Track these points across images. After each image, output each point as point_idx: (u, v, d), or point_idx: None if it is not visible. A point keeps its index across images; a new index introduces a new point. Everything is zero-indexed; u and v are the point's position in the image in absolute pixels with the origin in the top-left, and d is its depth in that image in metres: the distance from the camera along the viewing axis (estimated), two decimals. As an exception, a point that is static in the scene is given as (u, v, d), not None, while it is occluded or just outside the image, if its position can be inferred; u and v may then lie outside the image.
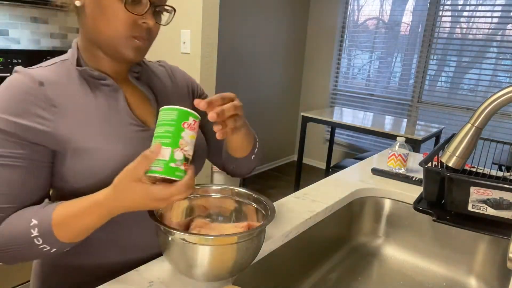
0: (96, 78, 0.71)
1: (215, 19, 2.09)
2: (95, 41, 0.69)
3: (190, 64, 2.11)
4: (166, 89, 0.83)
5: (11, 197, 0.63)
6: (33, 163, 0.64)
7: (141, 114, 0.75)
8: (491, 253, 1.06)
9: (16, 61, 1.96)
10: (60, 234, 0.62)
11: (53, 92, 0.66)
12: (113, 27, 0.66)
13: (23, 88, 0.64)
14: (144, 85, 0.78)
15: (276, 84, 4.02)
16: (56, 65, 0.71)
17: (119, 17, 0.65)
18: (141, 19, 0.67)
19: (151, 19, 0.67)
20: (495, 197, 0.90)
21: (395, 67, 3.84)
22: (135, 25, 0.67)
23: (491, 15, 3.21)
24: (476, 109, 0.66)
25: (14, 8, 1.94)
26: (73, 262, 0.76)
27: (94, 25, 0.67)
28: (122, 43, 0.67)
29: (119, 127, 0.70)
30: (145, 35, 0.69)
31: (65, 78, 0.69)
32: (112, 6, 0.65)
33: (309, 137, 4.15)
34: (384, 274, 1.12)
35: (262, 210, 0.73)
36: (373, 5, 3.84)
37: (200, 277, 0.64)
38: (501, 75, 3.23)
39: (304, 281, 1.02)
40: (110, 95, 0.72)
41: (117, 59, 0.71)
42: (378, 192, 1.22)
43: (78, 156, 0.66)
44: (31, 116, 0.63)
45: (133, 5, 0.65)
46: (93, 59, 0.72)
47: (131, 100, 0.75)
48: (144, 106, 0.77)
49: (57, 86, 0.67)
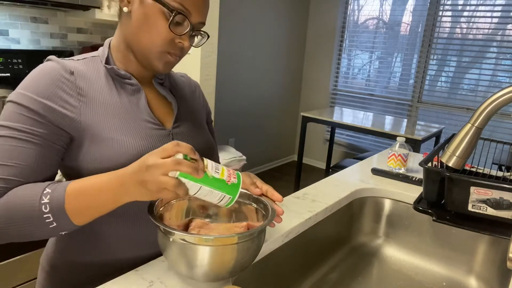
0: (121, 77, 0.76)
1: (215, 19, 2.09)
2: (131, 46, 0.74)
3: (190, 64, 2.11)
4: (186, 98, 0.88)
5: (20, 171, 0.64)
6: (49, 143, 0.67)
7: (160, 115, 0.80)
8: (491, 253, 1.06)
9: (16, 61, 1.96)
10: (69, 205, 0.62)
11: (82, 82, 0.71)
12: (152, 40, 0.71)
13: (55, 74, 0.69)
14: (166, 90, 0.83)
15: (276, 84, 4.02)
16: (86, 60, 0.76)
17: (160, 33, 0.70)
18: (179, 38, 0.72)
19: (187, 40, 0.72)
20: (495, 197, 0.90)
21: (395, 67, 3.84)
22: (172, 43, 0.72)
23: (491, 15, 3.21)
24: (476, 109, 0.66)
25: (14, 8, 1.94)
26: (83, 258, 0.76)
27: (135, 32, 0.72)
28: (156, 56, 0.72)
29: (137, 123, 0.74)
30: (178, 52, 0.74)
31: (94, 73, 0.74)
32: (157, 21, 0.69)
33: (309, 137, 4.16)
34: (384, 274, 1.12)
35: (262, 210, 0.73)
36: (373, 5, 3.84)
37: (200, 277, 0.64)
38: (501, 75, 3.23)
39: (304, 281, 1.02)
40: (132, 94, 0.76)
41: (146, 67, 0.76)
42: (378, 192, 1.22)
43: (95, 144, 0.70)
44: (58, 100, 0.67)
45: (176, 26, 0.71)
46: (123, 60, 0.77)
47: (152, 101, 0.80)
48: (163, 109, 0.81)
49: (85, 77, 0.72)
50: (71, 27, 2.12)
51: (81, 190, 0.63)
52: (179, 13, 0.69)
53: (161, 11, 0.69)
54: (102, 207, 0.64)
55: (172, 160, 0.57)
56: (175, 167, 0.57)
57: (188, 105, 0.88)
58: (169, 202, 0.73)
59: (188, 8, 0.69)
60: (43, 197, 0.62)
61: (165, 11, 0.68)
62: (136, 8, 0.70)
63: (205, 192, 0.60)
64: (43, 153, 0.66)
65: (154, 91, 0.82)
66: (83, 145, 0.70)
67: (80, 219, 0.64)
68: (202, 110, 0.93)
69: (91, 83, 0.72)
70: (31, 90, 0.66)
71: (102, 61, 0.75)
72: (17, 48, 2.02)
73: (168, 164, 0.57)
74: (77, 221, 0.64)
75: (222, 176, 0.62)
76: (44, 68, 0.69)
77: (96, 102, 0.72)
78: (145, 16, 0.70)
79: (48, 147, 0.67)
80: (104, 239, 0.75)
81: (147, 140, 0.74)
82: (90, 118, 0.70)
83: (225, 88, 3.35)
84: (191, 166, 0.57)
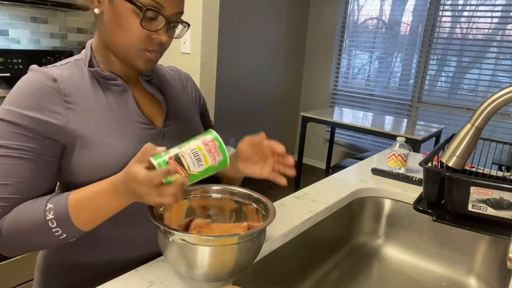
0: (106, 79, 0.74)
1: (215, 19, 2.09)
2: (109, 47, 0.72)
3: (190, 64, 2.11)
4: (176, 93, 0.86)
5: (18, 189, 0.65)
6: (42, 157, 0.67)
7: (149, 114, 0.78)
8: (491, 253, 1.06)
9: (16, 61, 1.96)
10: (75, 217, 0.64)
11: (66, 88, 0.70)
12: (127, 39, 0.69)
13: (38, 84, 0.67)
14: (154, 88, 0.81)
15: (276, 84, 4.02)
16: (69, 64, 0.74)
17: (134, 31, 0.68)
18: (155, 34, 0.69)
19: (164, 34, 0.70)
20: (495, 197, 0.90)
21: (395, 67, 3.84)
22: (149, 39, 0.69)
23: (491, 15, 3.20)
24: (476, 109, 0.66)
25: (14, 8, 1.94)
26: (81, 259, 0.76)
27: (110, 33, 0.70)
28: (134, 55, 0.70)
29: (126, 124, 0.73)
30: (157, 48, 0.72)
31: (78, 77, 0.72)
32: (129, 20, 0.67)
33: (309, 137, 4.15)
34: (384, 274, 1.12)
35: (262, 210, 0.73)
36: (373, 5, 3.84)
37: (200, 277, 0.64)
38: (501, 75, 3.23)
39: (304, 281, 1.02)
40: (119, 95, 0.75)
41: (128, 66, 0.75)
42: (378, 192, 1.22)
43: (85, 149, 0.69)
44: (44, 110, 0.66)
45: (149, 21, 0.68)
46: (106, 61, 0.75)
47: (140, 100, 0.78)
48: (152, 107, 0.79)
49: (70, 83, 0.71)
50: (71, 27, 2.12)
51: (82, 200, 0.64)
52: (150, 9, 0.66)
53: (131, 9, 0.66)
54: (106, 213, 0.65)
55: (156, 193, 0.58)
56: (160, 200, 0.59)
57: (178, 100, 0.86)
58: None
59: (159, 1, 0.66)
60: (47, 213, 0.63)
61: (135, 8, 0.66)
62: (107, 9, 0.68)
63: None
64: (39, 167, 0.66)
65: (142, 90, 0.80)
66: (74, 151, 0.69)
67: (87, 226, 0.66)
68: (194, 103, 0.91)
69: (76, 88, 0.71)
70: (16, 105, 0.65)
71: (85, 64, 0.74)
72: (17, 48, 2.02)
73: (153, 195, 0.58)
74: (85, 227, 0.66)
75: (207, 164, 0.62)
76: (26, 80, 0.68)
77: (83, 106, 0.70)
78: (116, 16, 0.68)
79: (42, 161, 0.67)
80: (103, 239, 0.75)
81: (138, 140, 0.73)
82: (79, 123, 0.69)
83: (225, 88, 3.35)
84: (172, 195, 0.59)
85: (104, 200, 0.64)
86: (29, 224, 0.63)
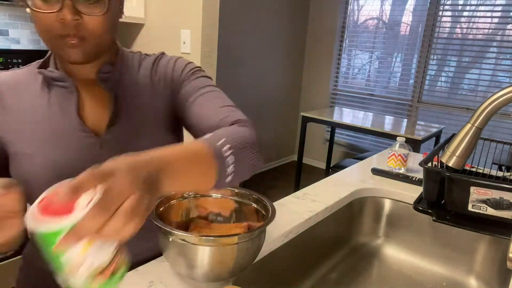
0: (54, 79, 0.68)
1: (215, 19, 2.09)
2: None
3: (190, 64, 2.10)
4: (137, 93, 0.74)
5: None
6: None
7: (95, 120, 0.70)
8: (491, 253, 1.06)
9: (16, 61, 1.96)
10: None
11: (6, 93, 0.67)
12: (40, 32, 0.62)
13: None
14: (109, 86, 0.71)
15: (276, 84, 4.02)
16: (30, 66, 0.72)
17: (39, 21, 0.61)
18: (56, 16, 0.59)
19: (68, 13, 0.59)
20: (495, 197, 0.90)
21: (395, 67, 3.84)
22: (57, 24, 0.60)
23: (491, 15, 3.20)
24: (476, 109, 0.66)
25: (14, 8, 1.93)
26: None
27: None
28: (56, 46, 0.63)
29: (62, 131, 0.67)
30: (73, 31, 0.60)
31: (28, 80, 0.70)
32: (32, 11, 0.60)
33: (309, 137, 4.15)
34: (384, 274, 1.12)
35: (262, 210, 0.73)
36: (373, 5, 3.84)
37: (200, 277, 0.64)
38: (501, 75, 3.23)
39: (304, 281, 1.02)
40: (65, 97, 0.69)
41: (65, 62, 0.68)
42: (378, 192, 1.21)
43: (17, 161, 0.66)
44: None
45: (47, 4, 0.59)
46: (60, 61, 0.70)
47: (89, 103, 0.71)
48: (102, 111, 0.71)
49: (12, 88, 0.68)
50: (71, 27, 2.12)
51: None
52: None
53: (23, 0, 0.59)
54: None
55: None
56: None
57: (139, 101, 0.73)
58: (169, 202, 0.73)
59: None
60: None
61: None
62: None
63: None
64: None
65: (97, 90, 0.72)
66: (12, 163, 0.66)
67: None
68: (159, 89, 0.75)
69: (18, 94, 0.67)
70: None
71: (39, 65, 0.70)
72: (17, 48, 2.02)
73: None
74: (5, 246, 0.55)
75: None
76: None
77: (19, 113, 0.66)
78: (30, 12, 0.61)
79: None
80: None
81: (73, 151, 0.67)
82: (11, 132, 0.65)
83: (225, 88, 3.34)
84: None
85: None
86: None
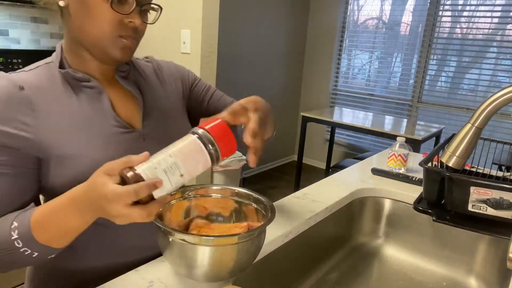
0: (79, 80, 0.69)
1: (215, 19, 2.09)
2: (81, 42, 0.68)
3: (190, 64, 2.11)
4: (153, 87, 0.81)
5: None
6: (17, 169, 0.63)
7: (127, 115, 0.74)
8: (491, 253, 1.06)
9: (16, 61, 1.96)
10: (39, 235, 0.58)
11: (35, 96, 0.65)
12: (99, 27, 0.64)
13: (4, 93, 0.62)
14: (131, 84, 0.76)
15: (276, 84, 4.02)
16: (39, 68, 0.70)
17: (105, 17, 0.64)
18: (127, 18, 0.65)
19: (137, 18, 0.66)
20: (495, 197, 0.90)
21: (395, 67, 3.84)
22: (122, 25, 0.65)
23: (491, 15, 3.20)
24: (476, 109, 0.66)
25: (14, 8, 1.94)
26: (69, 266, 0.74)
27: (79, 25, 0.66)
28: (109, 43, 0.66)
29: (102, 131, 0.68)
30: (132, 34, 0.67)
31: (48, 82, 0.68)
32: (98, 6, 0.63)
33: (309, 137, 4.15)
34: (384, 274, 1.12)
35: (262, 210, 0.73)
36: (373, 5, 3.84)
37: (200, 277, 0.64)
38: (501, 75, 3.23)
39: (304, 281, 1.02)
40: (94, 97, 0.70)
41: (104, 60, 0.70)
42: (378, 192, 1.21)
43: (62, 164, 0.65)
44: (12, 122, 0.62)
45: (119, 5, 0.64)
46: (78, 61, 0.70)
47: (117, 101, 0.73)
48: (131, 107, 0.75)
49: (38, 90, 0.66)
50: (71, 27, 2.12)
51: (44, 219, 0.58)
52: None
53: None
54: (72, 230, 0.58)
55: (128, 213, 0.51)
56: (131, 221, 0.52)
57: (157, 95, 0.80)
58: (169, 202, 0.73)
59: None
60: (12, 232, 0.58)
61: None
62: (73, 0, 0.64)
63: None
64: (14, 181, 0.62)
65: (118, 89, 0.75)
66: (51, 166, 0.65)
67: (57, 243, 0.60)
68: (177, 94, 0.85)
69: (45, 95, 0.66)
70: None
71: (56, 66, 0.69)
72: (17, 48, 2.02)
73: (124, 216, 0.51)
74: (56, 245, 0.60)
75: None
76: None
77: (54, 115, 0.65)
78: (83, 4, 0.64)
79: (19, 174, 0.63)
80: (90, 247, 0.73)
81: (117, 147, 0.68)
82: (50, 135, 0.64)
83: (225, 88, 3.34)
84: (146, 216, 0.51)
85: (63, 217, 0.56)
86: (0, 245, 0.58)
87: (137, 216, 0.51)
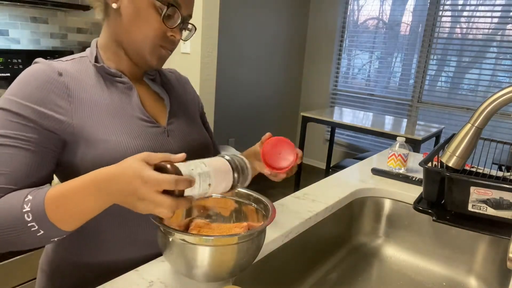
0: (112, 75, 0.75)
1: (215, 19, 2.09)
2: (122, 42, 0.74)
3: (190, 64, 2.11)
4: (177, 93, 0.88)
5: (13, 178, 0.62)
6: (42, 148, 0.65)
7: (153, 112, 0.79)
8: (491, 253, 1.06)
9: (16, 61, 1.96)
10: (51, 212, 0.59)
11: (71, 83, 0.70)
12: (145, 33, 0.71)
13: (43, 77, 0.67)
14: (159, 86, 0.83)
15: (276, 84, 4.02)
16: (74, 60, 0.74)
17: (153, 26, 0.71)
18: (170, 31, 0.73)
19: (178, 33, 0.74)
20: (495, 197, 0.90)
21: (395, 67, 3.84)
22: (164, 36, 0.73)
23: (491, 15, 3.21)
24: (476, 109, 0.66)
25: (14, 8, 1.94)
26: (84, 259, 0.76)
27: (127, 28, 0.72)
28: (149, 50, 0.73)
29: (130, 122, 0.73)
30: (170, 46, 0.75)
31: (83, 73, 0.73)
32: (149, 15, 0.70)
33: (309, 137, 4.15)
34: (384, 274, 1.12)
35: (262, 210, 0.73)
36: (373, 5, 3.84)
37: (200, 277, 0.64)
38: (501, 75, 3.23)
39: (304, 281, 1.02)
40: (124, 92, 0.75)
41: (139, 63, 0.76)
42: (378, 192, 1.22)
43: (90, 147, 0.68)
44: (49, 103, 0.66)
45: (167, 18, 0.72)
46: (114, 58, 0.76)
47: (144, 98, 0.79)
48: (156, 105, 0.81)
49: (74, 78, 0.71)
50: (71, 27, 2.12)
51: (60, 197, 0.59)
52: (171, 5, 0.70)
53: (153, 4, 0.69)
54: (86, 213, 0.59)
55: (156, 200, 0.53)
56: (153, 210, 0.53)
57: (180, 100, 0.87)
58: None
59: (178, 0, 0.71)
60: (25, 205, 0.59)
61: (156, 4, 0.69)
62: (126, 4, 0.70)
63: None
64: (35, 158, 0.64)
65: (145, 88, 0.81)
66: (79, 149, 0.68)
67: (66, 225, 0.60)
68: (194, 105, 0.93)
69: (81, 84, 0.71)
70: (19, 96, 0.64)
71: (91, 61, 0.74)
72: (17, 48, 2.02)
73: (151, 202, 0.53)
74: (64, 227, 0.60)
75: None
76: (31, 71, 0.67)
77: (87, 103, 0.70)
78: (136, 11, 0.70)
79: (40, 152, 0.65)
80: (105, 239, 0.75)
81: (143, 138, 0.73)
82: (83, 120, 0.68)
83: (225, 88, 3.35)
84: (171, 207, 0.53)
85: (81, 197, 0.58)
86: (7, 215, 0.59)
87: (166, 205, 0.53)
